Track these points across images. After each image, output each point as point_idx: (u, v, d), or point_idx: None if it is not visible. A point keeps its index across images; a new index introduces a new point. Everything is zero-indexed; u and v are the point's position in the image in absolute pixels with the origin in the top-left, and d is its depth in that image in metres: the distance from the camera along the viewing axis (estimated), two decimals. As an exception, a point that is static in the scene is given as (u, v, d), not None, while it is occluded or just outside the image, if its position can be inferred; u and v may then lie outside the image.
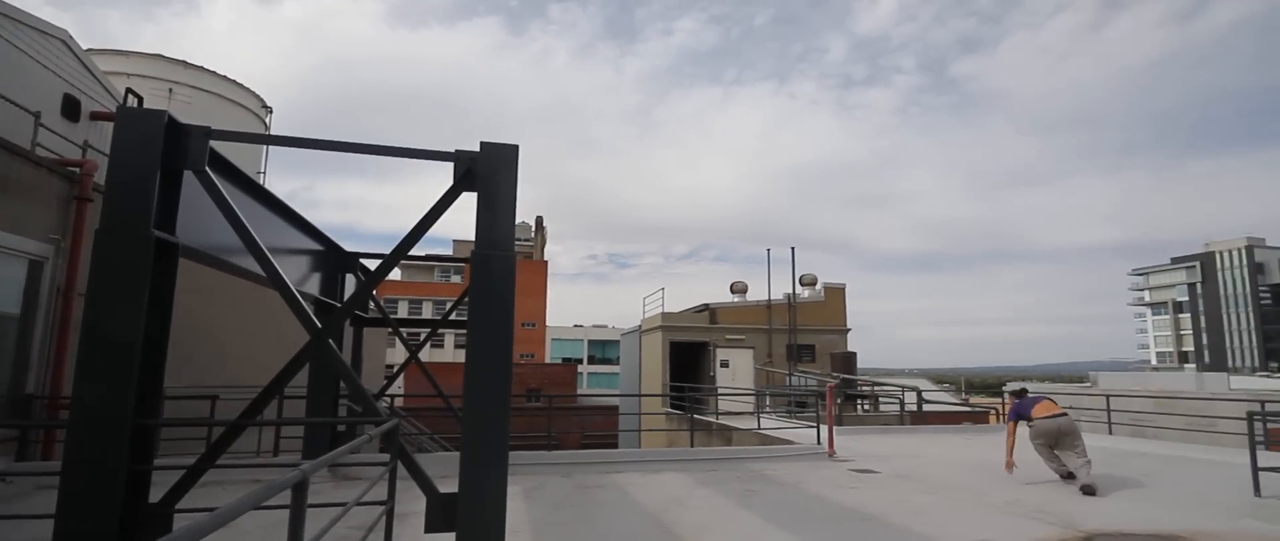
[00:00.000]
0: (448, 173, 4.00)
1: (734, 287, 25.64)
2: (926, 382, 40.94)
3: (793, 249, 24.31)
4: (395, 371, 8.46)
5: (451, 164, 4.00)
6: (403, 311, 49.19)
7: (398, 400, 17.08)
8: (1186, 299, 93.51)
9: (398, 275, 49.01)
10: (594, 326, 68.68)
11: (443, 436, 17.00)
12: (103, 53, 15.65)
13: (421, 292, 51.00)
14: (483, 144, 4.01)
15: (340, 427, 7.78)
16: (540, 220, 56.99)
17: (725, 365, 22.68)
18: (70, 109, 11.00)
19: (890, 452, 10.56)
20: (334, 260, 6.90)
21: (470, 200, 4.01)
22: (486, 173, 3.96)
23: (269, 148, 18.17)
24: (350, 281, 7.23)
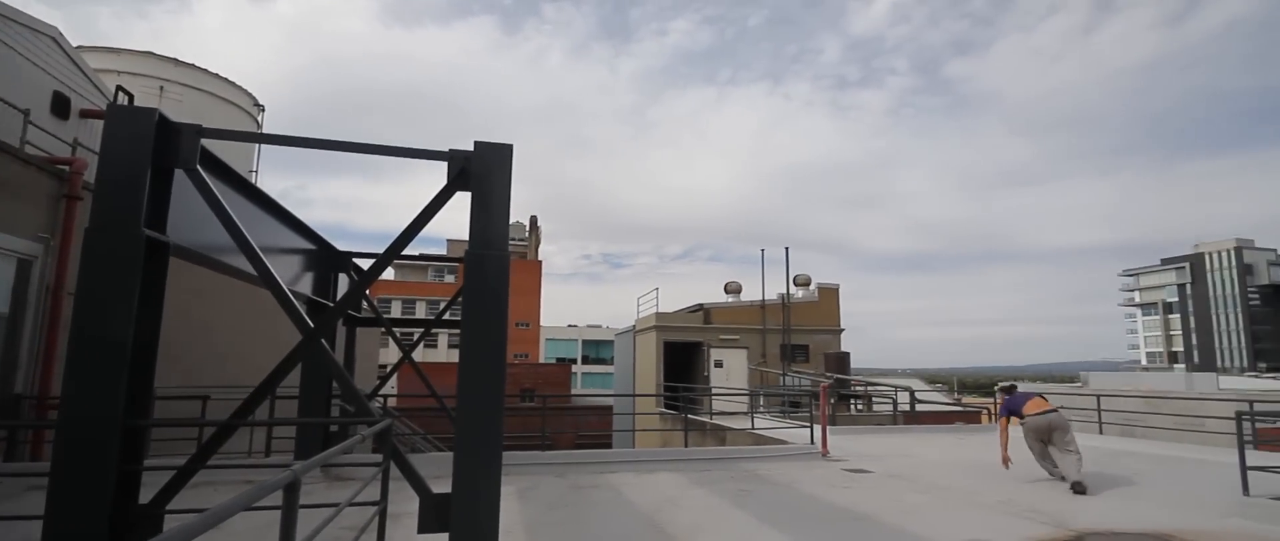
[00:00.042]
0: (441, 172, 4.00)
1: (728, 288, 25.67)
2: (919, 383, 41.10)
3: (787, 249, 24.37)
4: (388, 371, 8.42)
5: (445, 163, 3.99)
6: (396, 311, 49.00)
7: (391, 400, 17.01)
8: (1176, 299, 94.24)
9: (391, 275, 48.80)
10: (588, 326, 68.61)
11: (436, 436, 16.95)
12: (93, 50, 15.52)
13: (415, 292, 50.82)
14: (477, 143, 4.01)
15: (333, 428, 7.76)
16: (534, 220, 56.95)
17: (719, 365, 22.71)
18: (60, 107, 10.91)
19: (883, 452, 10.60)
20: (327, 259, 6.87)
21: (464, 199, 4.00)
22: (480, 172, 3.95)
23: (261, 146, 18.07)
24: (343, 281, 7.20)
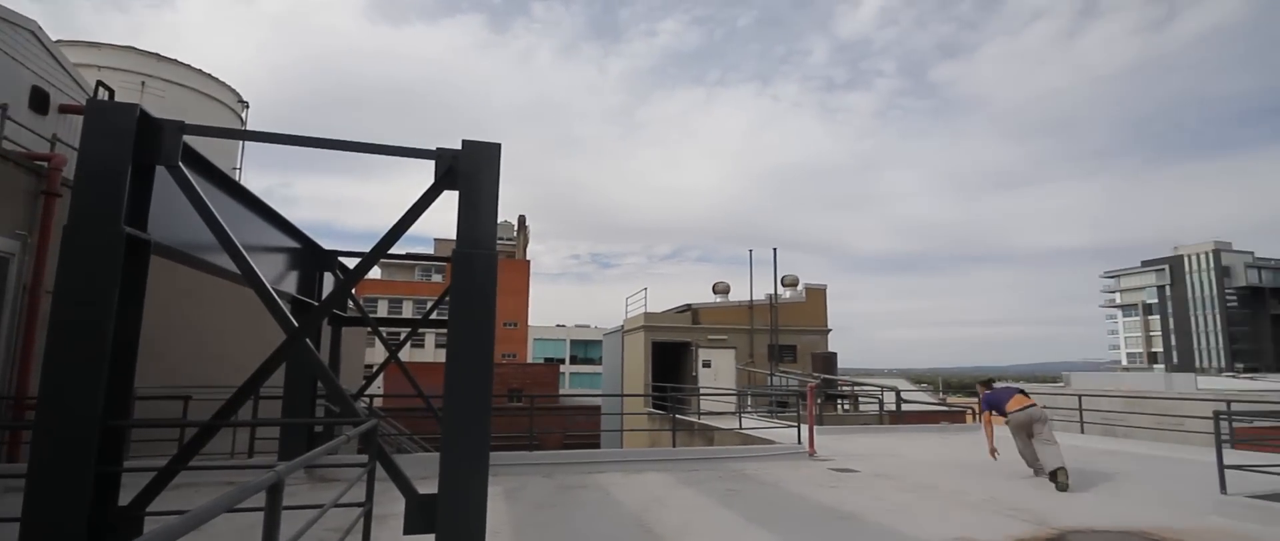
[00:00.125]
0: (429, 170, 3.98)
1: (716, 288, 25.74)
2: (905, 382, 41.49)
3: (774, 250, 24.45)
4: (374, 371, 8.36)
5: (433, 161, 3.97)
6: (382, 310, 48.63)
7: (377, 400, 16.88)
8: (1156, 301, 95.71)
9: (377, 274, 48.43)
10: (576, 326, 68.50)
11: (423, 437, 16.83)
12: (73, 44, 15.23)
13: (402, 291, 50.47)
14: (465, 142, 3.99)
15: (318, 428, 7.68)
16: (522, 219, 56.71)
17: (707, 365, 22.76)
18: (38, 101, 10.71)
19: (869, 452, 10.68)
20: (312, 258, 6.81)
21: (452, 198, 3.98)
22: (468, 171, 3.93)
23: (245, 143, 17.85)
24: (329, 280, 7.14)
